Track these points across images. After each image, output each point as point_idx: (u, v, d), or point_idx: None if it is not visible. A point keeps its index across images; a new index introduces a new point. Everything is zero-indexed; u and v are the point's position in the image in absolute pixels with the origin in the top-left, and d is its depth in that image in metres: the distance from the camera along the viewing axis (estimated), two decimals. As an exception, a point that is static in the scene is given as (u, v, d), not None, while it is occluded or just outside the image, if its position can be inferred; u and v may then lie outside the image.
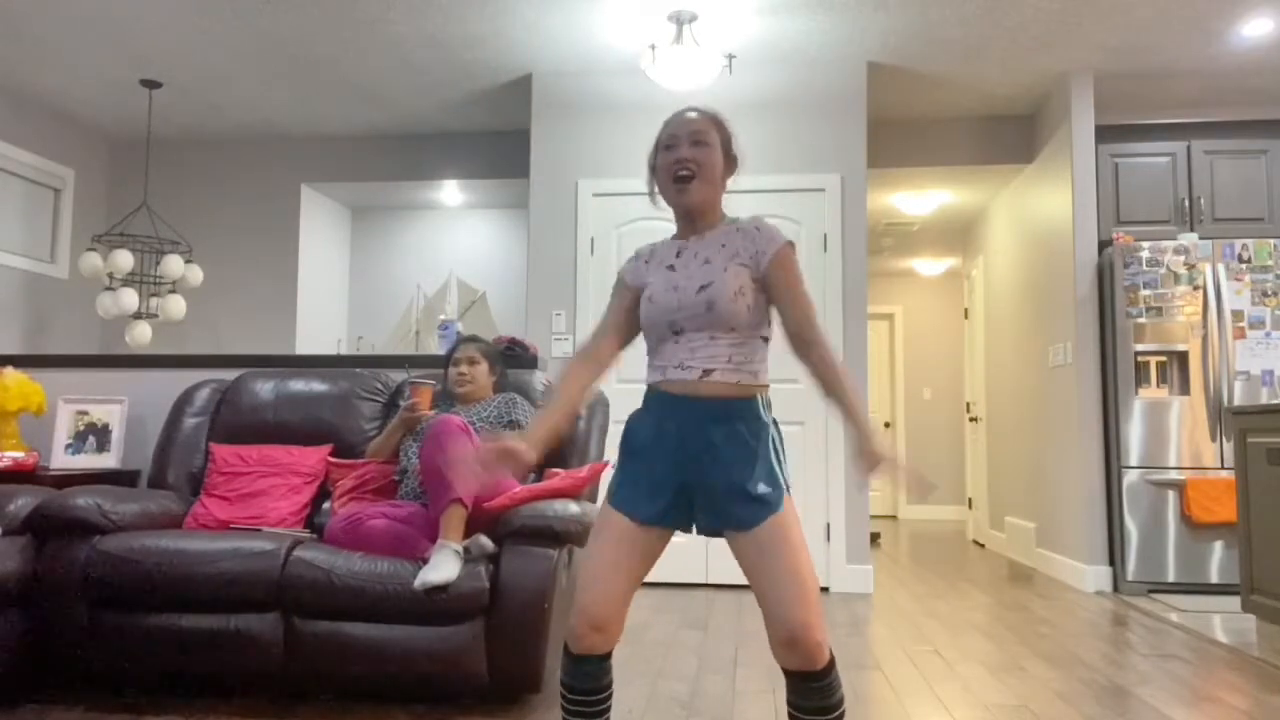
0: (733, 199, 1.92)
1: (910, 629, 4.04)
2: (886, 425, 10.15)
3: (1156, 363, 5.03)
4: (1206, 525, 4.85)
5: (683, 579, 5.12)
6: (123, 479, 3.74)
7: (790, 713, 1.73)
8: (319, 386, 3.50)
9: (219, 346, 6.56)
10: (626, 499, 1.79)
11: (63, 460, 3.79)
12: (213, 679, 2.77)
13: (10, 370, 3.77)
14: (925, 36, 4.94)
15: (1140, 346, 5.03)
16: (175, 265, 5.62)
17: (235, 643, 2.70)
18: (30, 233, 6.09)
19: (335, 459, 3.32)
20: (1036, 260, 5.98)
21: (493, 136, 6.49)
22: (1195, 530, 4.88)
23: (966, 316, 8.02)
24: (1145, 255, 5.07)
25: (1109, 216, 5.39)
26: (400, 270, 7.35)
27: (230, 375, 3.92)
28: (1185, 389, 4.98)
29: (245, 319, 6.58)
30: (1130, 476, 4.98)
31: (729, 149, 1.91)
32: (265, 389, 3.52)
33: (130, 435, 3.93)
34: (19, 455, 3.56)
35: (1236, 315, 4.99)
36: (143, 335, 5.73)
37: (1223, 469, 4.91)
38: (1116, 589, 5.03)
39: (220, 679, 2.77)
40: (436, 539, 2.73)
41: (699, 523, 1.80)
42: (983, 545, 7.32)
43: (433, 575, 2.60)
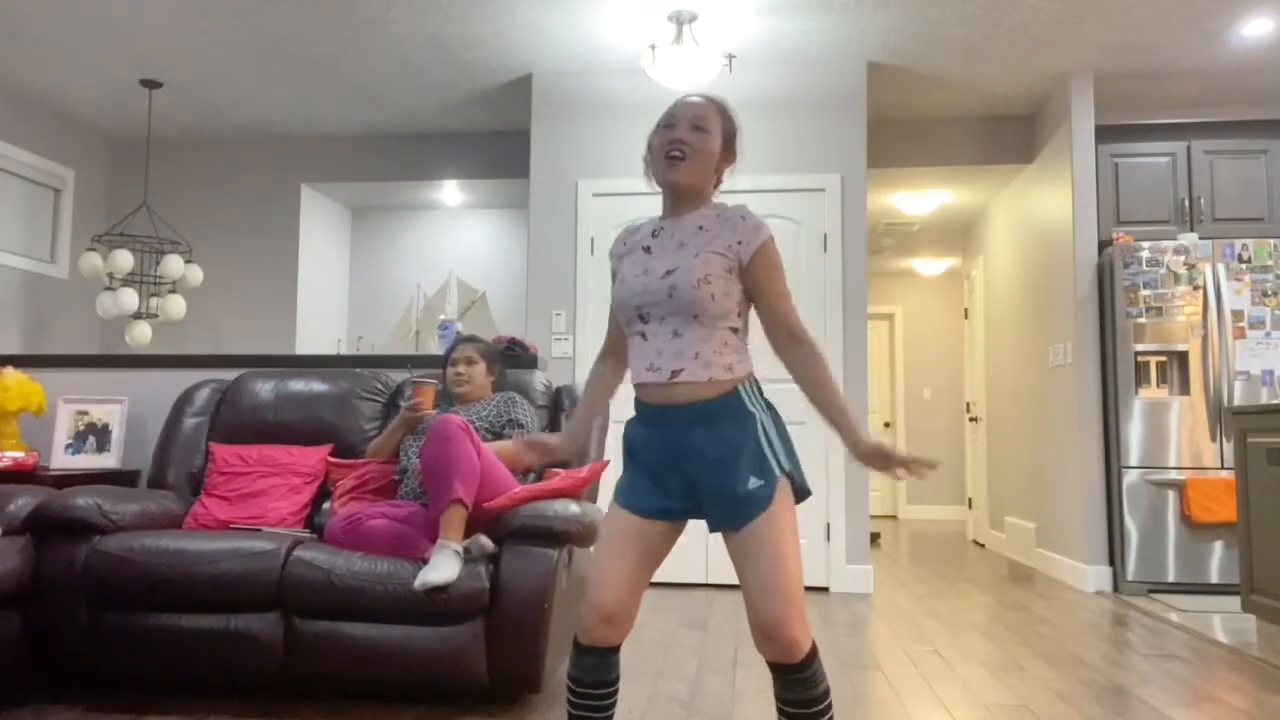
0: (733, 199, 1.91)
1: (910, 629, 4.04)
2: (886, 425, 10.15)
3: (1156, 363, 5.03)
4: (1206, 525, 4.85)
5: (682, 579, 5.12)
6: (123, 479, 3.74)
7: (777, 705, 1.73)
8: (319, 386, 3.50)
9: (219, 346, 6.56)
10: (629, 496, 1.81)
11: (63, 460, 3.79)
12: (213, 679, 2.77)
13: (10, 370, 3.77)
14: (925, 36, 4.94)
15: (1140, 346, 5.03)
16: (175, 265, 5.62)
17: (235, 643, 2.70)
18: (30, 233, 6.09)
19: (335, 459, 3.33)
20: (1036, 260, 5.98)
21: (493, 136, 6.49)
22: (1195, 530, 4.88)
23: (966, 316, 8.02)
24: (1145, 255, 5.07)
25: (1109, 216, 5.39)
26: (400, 270, 7.35)
27: (230, 375, 3.92)
28: (1185, 389, 4.98)
29: (245, 319, 6.58)
30: (1130, 476, 4.98)
31: (730, 141, 1.89)
32: (265, 389, 3.52)
33: (130, 435, 3.93)
34: (19, 455, 3.56)
35: (1236, 315, 4.99)
36: (143, 335, 5.73)
37: (1223, 469, 4.91)
38: (1116, 589, 5.03)
39: (220, 679, 2.76)
40: (436, 539, 2.73)
41: (704, 517, 1.81)
42: (983, 545, 7.32)
43: (433, 575, 2.60)
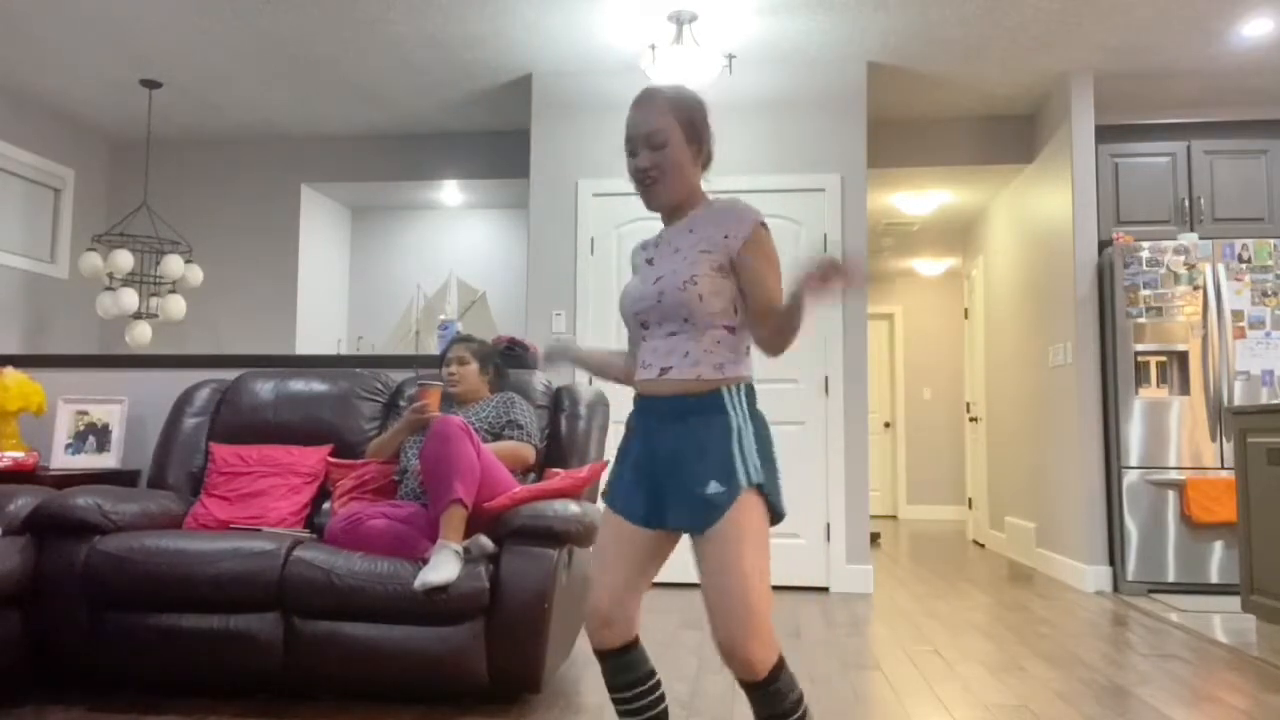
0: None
1: (910, 629, 4.04)
2: (887, 425, 10.15)
3: (1156, 363, 5.03)
4: (1206, 525, 4.85)
5: (682, 579, 5.11)
6: (123, 479, 3.74)
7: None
8: (319, 386, 3.50)
9: (219, 346, 6.56)
10: (615, 499, 1.81)
11: (63, 460, 3.79)
12: (213, 679, 2.77)
13: (10, 370, 3.77)
14: (925, 36, 4.94)
15: (1140, 346, 5.03)
16: (175, 265, 5.62)
17: (235, 643, 2.70)
18: (30, 233, 6.09)
19: (335, 459, 3.33)
20: (1036, 260, 5.98)
21: (493, 136, 6.49)
22: (1195, 530, 4.88)
23: (966, 316, 8.02)
24: (1145, 255, 5.07)
25: (1109, 216, 5.39)
26: (400, 270, 7.35)
27: (230, 375, 3.92)
28: (1185, 389, 4.98)
29: (245, 319, 6.58)
30: (1130, 476, 4.98)
31: (693, 132, 1.80)
32: (265, 389, 3.52)
33: (130, 435, 3.93)
34: (19, 455, 3.56)
35: (1236, 315, 4.99)
36: (143, 335, 5.73)
37: (1223, 469, 4.91)
38: (1116, 589, 5.03)
39: (220, 679, 2.76)
40: (436, 539, 2.73)
41: (668, 522, 1.75)
42: (983, 545, 7.32)
43: (433, 575, 2.60)
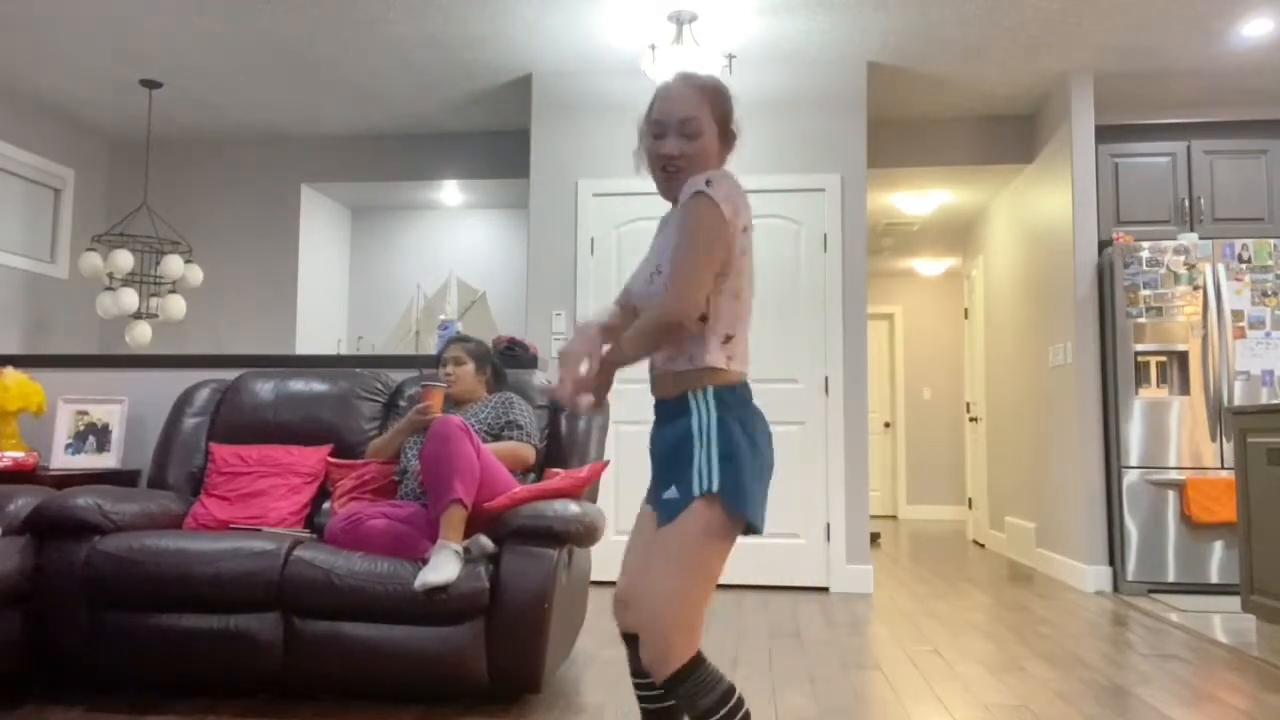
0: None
1: (910, 629, 4.04)
2: (887, 425, 10.15)
3: (1156, 363, 5.03)
4: (1206, 525, 4.85)
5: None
6: (123, 479, 3.74)
7: None
8: (319, 386, 3.50)
9: (219, 346, 6.56)
10: (649, 491, 1.84)
11: (63, 460, 3.79)
12: (213, 679, 2.77)
13: (10, 370, 3.77)
14: (925, 36, 4.94)
15: (1140, 346, 5.03)
16: (175, 265, 5.62)
17: (235, 643, 2.70)
18: (30, 233, 6.09)
19: (335, 459, 3.33)
20: (1036, 260, 5.98)
21: (493, 136, 6.49)
22: (1195, 530, 4.88)
23: (966, 316, 8.02)
24: (1145, 255, 5.07)
25: (1109, 216, 5.39)
26: (400, 270, 7.35)
27: (230, 375, 3.92)
28: (1185, 389, 4.98)
29: (245, 319, 6.58)
30: (1130, 476, 4.97)
31: (726, 126, 1.74)
32: (265, 389, 3.52)
33: (130, 435, 3.92)
34: (19, 455, 3.56)
35: (1236, 315, 4.99)
36: (143, 335, 5.72)
37: (1223, 469, 4.91)
38: (1116, 589, 5.03)
39: (220, 679, 2.76)
40: (436, 539, 2.73)
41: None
42: (983, 545, 7.32)
43: (433, 576, 2.60)
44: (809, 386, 5.15)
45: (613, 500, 5.12)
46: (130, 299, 5.52)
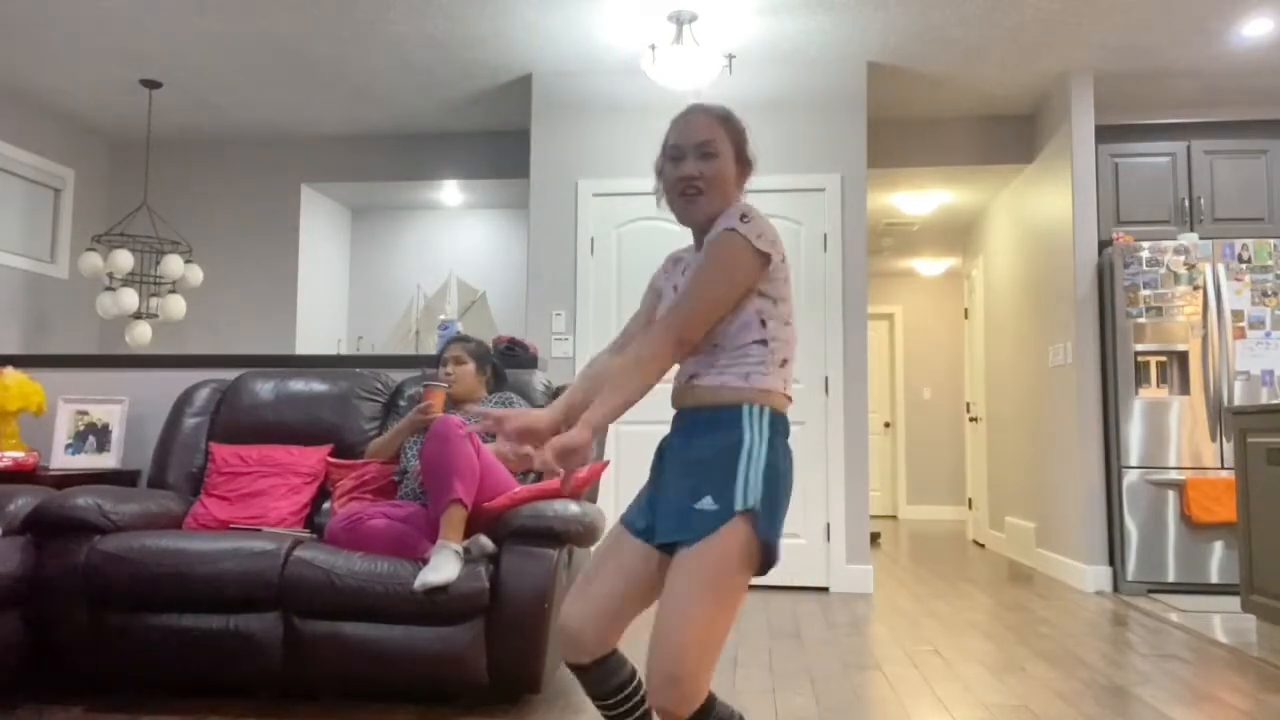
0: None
1: (910, 629, 4.04)
2: (887, 425, 10.15)
3: (1156, 363, 5.03)
4: (1206, 525, 4.85)
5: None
6: (123, 479, 3.74)
7: None
8: (319, 386, 3.50)
9: (219, 346, 6.56)
10: (626, 512, 1.76)
11: (63, 460, 3.79)
12: (213, 679, 2.77)
13: (10, 370, 3.77)
14: (925, 36, 4.94)
15: (1140, 346, 5.03)
16: (175, 265, 5.62)
17: (235, 643, 2.70)
18: (30, 233, 6.09)
19: (335, 459, 3.33)
20: (1036, 260, 5.98)
21: (493, 136, 6.49)
22: (1195, 530, 4.88)
23: (966, 316, 8.02)
24: (1145, 255, 5.07)
25: (1109, 216, 5.39)
26: (400, 270, 7.35)
27: (230, 375, 3.92)
28: (1185, 389, 4.98)
29: (245, 319, 6.58)
30: (1130, 476, 4.97)
31: (742, 152, 1.75)
32: (265, 389, 3.52)
33: (130, 435, 3.93)
34: (19, 455, 3.56)
35: (1236, 315, 4.99)
36: (143, 335, 5.72)
37: (1223, 469, 4.91)
38: (1116, 589, 5.03)
39: (220, 679, 2.76)
40: (436, 539, 2.73)
41: (657, 533, 1.66)
42: (983, 545, 7.32)
43: (433, 576, 2.60)
44: (809, 386, 5.15)
45: (613, 500, 5.12)
46: (130, 299, 5.52)
